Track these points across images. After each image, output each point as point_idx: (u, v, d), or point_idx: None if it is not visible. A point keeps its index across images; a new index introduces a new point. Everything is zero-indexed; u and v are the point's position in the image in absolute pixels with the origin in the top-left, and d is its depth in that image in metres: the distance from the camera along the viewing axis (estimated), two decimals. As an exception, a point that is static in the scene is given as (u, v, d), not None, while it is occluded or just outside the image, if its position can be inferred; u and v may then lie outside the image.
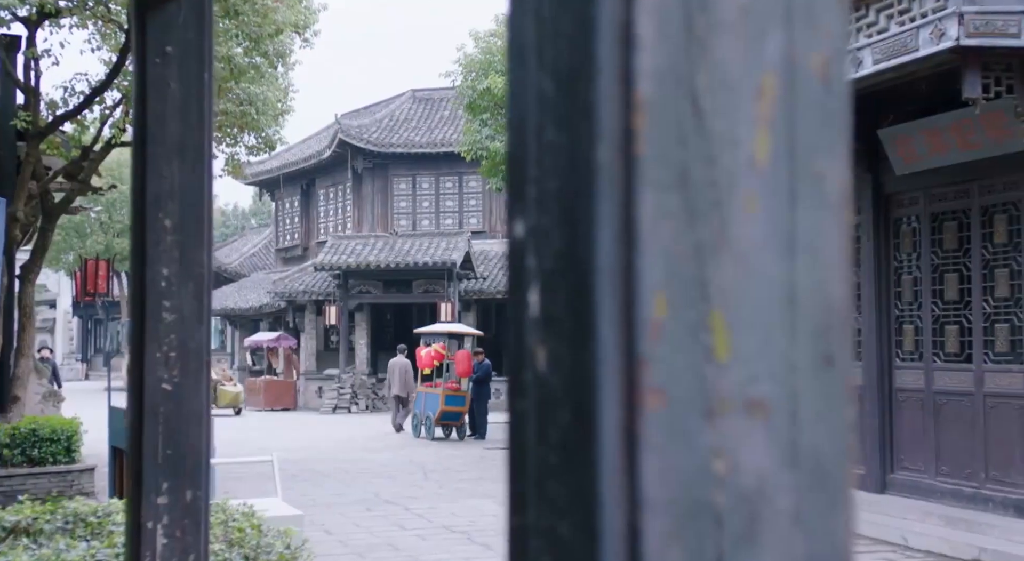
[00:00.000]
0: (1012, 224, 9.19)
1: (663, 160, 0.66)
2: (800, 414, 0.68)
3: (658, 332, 0.66)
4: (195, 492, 2.72)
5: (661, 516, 0.65)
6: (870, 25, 9.02)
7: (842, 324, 0.70)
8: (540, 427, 0.70)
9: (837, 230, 0.70)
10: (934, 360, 10.03)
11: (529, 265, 0.72)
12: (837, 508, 0.69)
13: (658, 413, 0.65)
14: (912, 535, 9.02)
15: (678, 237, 0.66)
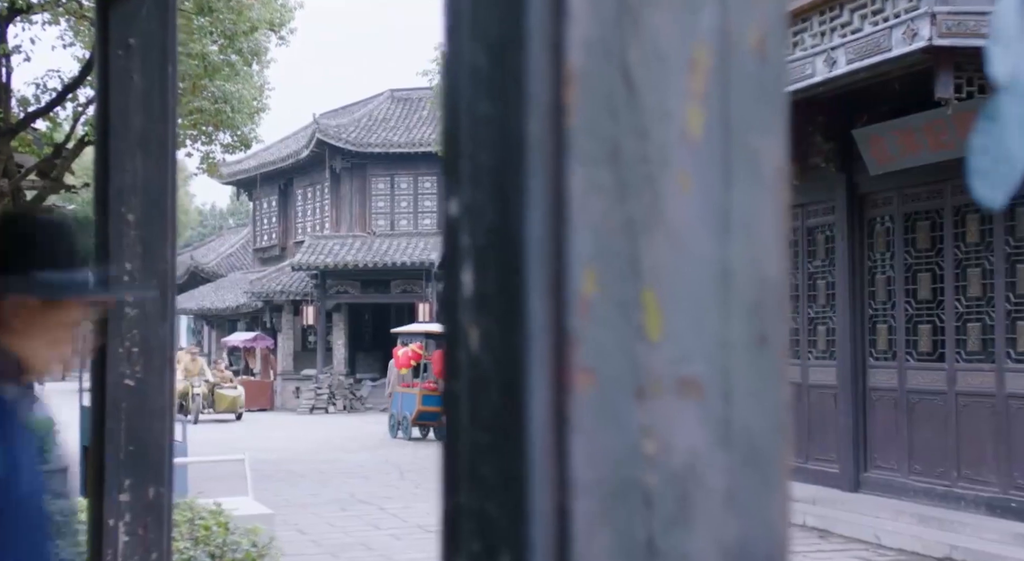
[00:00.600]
0: (984, 224, 9.25)
1: (594, 134, 0.65)
2: (733, 394, 0.67)
3: (588, 310, 0.64)
4: (158, 489, 2.69)
5: (590, 497, 0.64)
6: (844, 25, 9.06)
7: (777, 303, 0.69)
8: (472, 408, 0.69)
9: (773, 208, 0.69)
10: (907, 359, 10.09)
11: (463, 243, 0.70)
12: (771, 488, 0.68)
13: (587, 392, 0.64)
14: (885, 533, 9.06)
15: (609, 213, 0.65)
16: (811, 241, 11.33)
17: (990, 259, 9.20)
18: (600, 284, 0.64)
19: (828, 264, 11.04)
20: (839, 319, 10.78)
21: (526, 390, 0.65)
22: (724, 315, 0.67)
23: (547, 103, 0.65)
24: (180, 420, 10.10)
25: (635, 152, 0.65)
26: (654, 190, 0.65)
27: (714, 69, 0.68)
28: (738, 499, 0.67)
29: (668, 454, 0.65)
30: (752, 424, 0.68)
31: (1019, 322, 8.91)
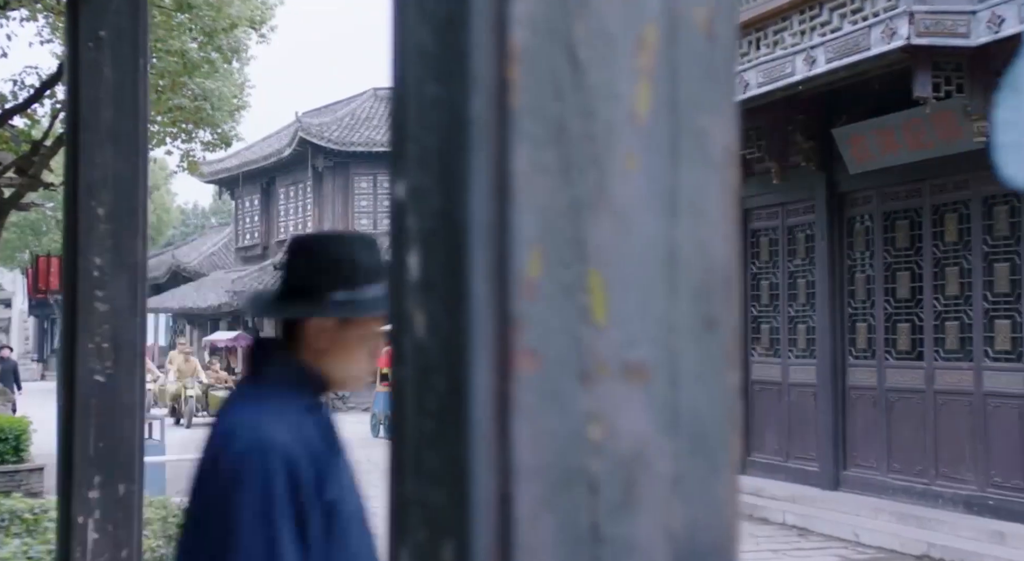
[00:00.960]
0: (962, 223, 9.29)
1: (538, 113, 0.64)
2: (680, 378, 0.66)
3: (532, 292, 0.63)
4: (128, 486, 2.67)
5: (533, 483, 0.62)
6: (824, 24, 9.08)
7: (725, 286, 0.68)
8: (419, 395, 0.68)
9: (721, 189, 0.68)
10: (886, 358, 10.12)
11: (409, 226, 0.69)
12: (718, 474, 0.67)
13: (531, 376, 0.63)
14: (864, 531, 9.09)
15: (554, 193, 0.64)
16: (791, 240, 11.36)
17: (968, 258, 9.24)
18: (545, 266, 0.63)
19: (808, 263, 11.07)
20: (819, 318, 10.81)
21: (469, 374, 0.64)
22: (671, 298, 0.66)
23: (491, 82, 0.64)
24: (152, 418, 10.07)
25: (581, 132, 0.64)
26: (600, 170, 0.64)
27: (661, 48, 0.66)
28: (685, 485, 0.66)
29: (614, 439, 0.64)
30: (700, 409, 0.67)
31: (997, 321, 8.96)
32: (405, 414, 0.68)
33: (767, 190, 11.41)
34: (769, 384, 11.63)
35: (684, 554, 0.65)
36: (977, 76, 7.88)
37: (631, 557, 0.64)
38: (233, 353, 32.46)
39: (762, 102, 9.41)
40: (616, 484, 0.64)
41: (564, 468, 0.63)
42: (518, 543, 0.62)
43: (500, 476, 0.63)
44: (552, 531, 0.63)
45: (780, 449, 11.38)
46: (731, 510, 0.68)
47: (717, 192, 0.68)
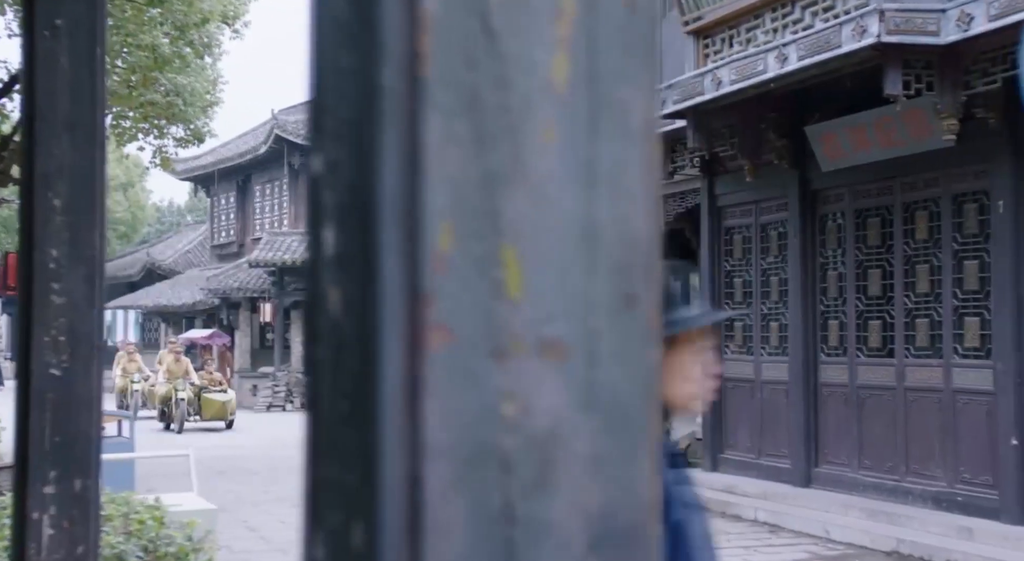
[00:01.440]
0: (932, 221, 9.35)
1: (451, 83, 0.62)
2: (599, 355, 0.65)
3: (443, 266, 0.62)
4: (85, 481, 2.64)
5: (444, 463, 0.61)
6: (796, 22, 9.12)
7: (646, 262, 0.67)
8: (334, 375, 0.66)
9: (641, 163, 0.67)
10: (857, 355, 10.17)
11: (325, 201, 0.67)
12: (637, 454, 0.66)
13: (442, 353, 0.61)
14: (834, 528, 9.14)
15: (466, 165, 0.62)
16: (764, 237, 11.40)
17: (938, 255, 9.30)
18: (457, 240, 0.62)
19: (781, 260, 11.11)
20: (791, 315, 10.85)
21: (379, 352, 0.62)
22: (589, 273, 0.65)
23: (402, 51, 0.62)
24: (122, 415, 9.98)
25: (495, 102, 0.63)
26: (515, 142, 0.63)
27: (580, 17, 0.65)
28: (602, 465, 0.65)
29: (528, 417, 0.63)
30: (618, 387, 0.65)
31: (966, 318, 9.02)
32: (320, 394, 0.67)
33: (740, 188, 11.44)
34: (742, 381, 11.67)
35: (601, 535, 0.64)
36: (947, 74, 7.93)
37: (546, 538, 0.63)
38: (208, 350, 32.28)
39: (735, 100, 9.43)
40: (530, 463, 0.63)
41: (476, 447, 0.61)
42: (428, 524, 0.61)
43: (410, 456, 0.61)
44: (463, 511, 0.61)
45: (752, 446, 11.42)
46: (650, 491, 0.66)
47: (638, 166, 0.67)
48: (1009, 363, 8.43)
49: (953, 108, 7.88)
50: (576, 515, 0.64)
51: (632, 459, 0.66)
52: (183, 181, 37.12)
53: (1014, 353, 8.42)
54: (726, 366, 11.90)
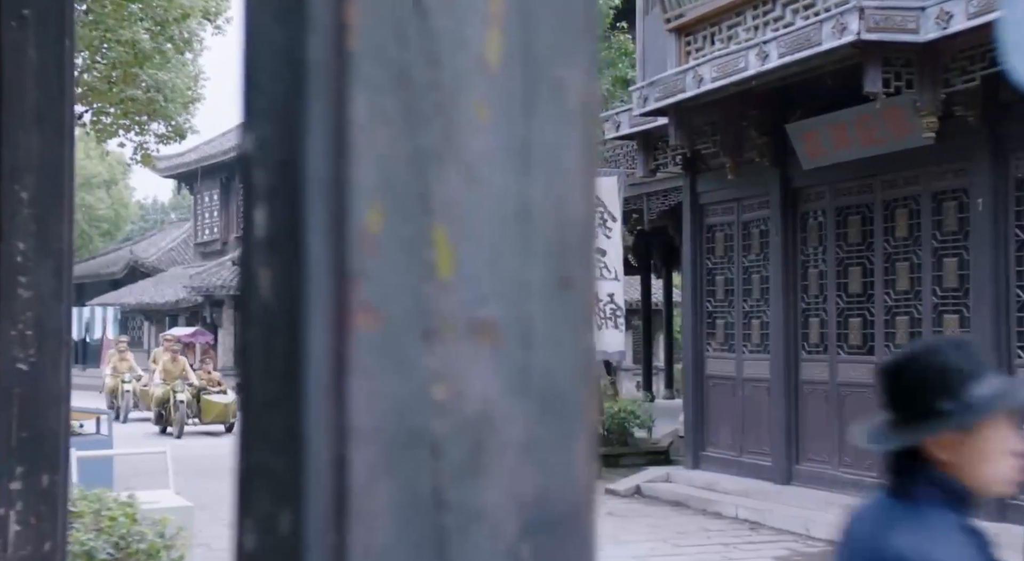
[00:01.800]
0: (912, 218, 9.38)
1: (379, 58, 0.61)
2: (532, 338, 0.64)
3: (371, 246, 0.60)
4: (52, 477, 2.61)
5: (371, 446, 0.60)
6: (776, 19, 9.13)
7: (582, 244, 0.66)
8: (265, 358, 0.65)
9: (578, 143, 0.66)
10: (838, 352, 10.20)
11: (256, 181, 0.66)
12: (571, 439, 0.64)
13: (370, 334, 0.60)
14: (814, 525, 9.16)
15: (396, 143, 0.61)
16: (746, 235, 11.42)
17: (918, 253, 9.33)
18: (386, 220, 0.61)
19: (762, 258, 11.12)
20: (773, 313, 10.87)
21: (306, 333, 0.61)
22: (523, 255, 0.64)
23: (329, 23, 0.61)
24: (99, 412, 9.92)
25: (426, 79, 0.61)
26: (446, 120, 0.61)
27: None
28: (536, 450, 0.63)
29: (460, 401, 0.61)
30: (553, 371, 0.64)
31: (945, 315, 9.05)
32: (252, 379, 0.65)
33: (722, 185, 11.46)
34: (723, 379, 11.69)
35: (534, 521, 0.63)
36: (926, 72, 7.96)
37: (477, 524, 0.61)
38: (191, 348, 32.15)
39: (717, 97, 9.44)
40: (461, 448, 0.61)
41: (405, 431, 0.60)
42: (354, 509, 0.59)
43: (336, 440, 0.60)
44: (391, 497, 0.60)
45: (734, 444, 11.44)
46: (585, 477, 0.65)
47: (574, 146, 0.66)
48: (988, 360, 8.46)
49: (932, 106, 7.91)
50: (509, 501, 0.62)
51: (567, 445, 0.64)
52: (166, 178, 36.98)
53: (992, 350, 8.45)
54: (708, 363, 11.92)
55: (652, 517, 10.01)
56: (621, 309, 12.17)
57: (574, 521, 0.65)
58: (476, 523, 0.62)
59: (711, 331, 11.94)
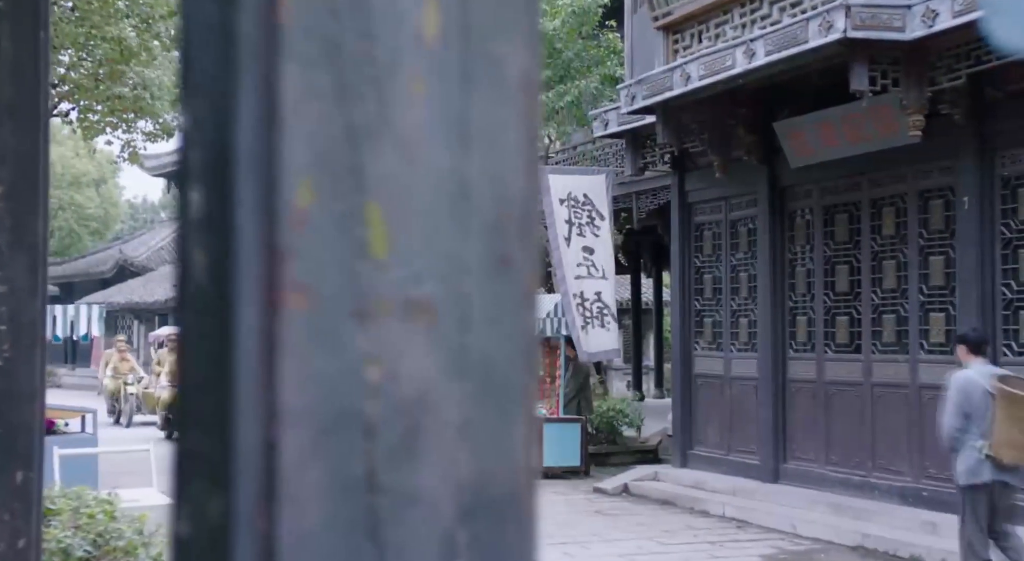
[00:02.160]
0: (899, 217, 9.39)
1: (311, 31, 0.60)
2: (471, 318, 0.62)
3: (302, 223, 0.59)
4: (26, 474, 2.59)
5: (301, 428, 0.58)
6: (764, 17, 9.13)
7: (522, 222, 0.64)
8: (199, 340, 0.63)
9: (518, 120, 0.64)
10: (825, 351, 10.21)
11: (192, 160, 0.64)
12: (511, 422, 0.63)
13: (301, 313, 0.59)
14: (801, 523, 9.17)
15: (328, 119, 0.59)
16: (734, 233, 11.42)
17: (904, 252, 9.34)
18: (318, 196, 0.59)
19: (750, 256, 11.13)
20: (760, 311, 10.88)
21: (235, 313, 0.59)
22: (461, 233, 0.62)
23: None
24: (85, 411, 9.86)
25: (359, 53, 0.60)
26: (381, 95, 0.60)
27: (451, -33, 0.63)
28: (474, 432, 0.62)
29: (394, 382, 0.60)
30: (491, 352, 0.63)
31: (932, 314, 9.07)
32: (187, 361, 0.64)
33: (710, 184, 11.46)
34: (711, 377, 11.69)
35: (472, 505, 0.62)
36: (912, 70, 7.97)
37: (412, 507, 0.60)
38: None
39: (704, 95, 9.44)
40: (396, 430, 0.60)
41: (337, 412, 0.59)
42: (284, 493, 0.58)
43: (266, 422, 0.58)
44: (322, 479, 0.58)
45: (722, 442, 11.44)
46: (525, 460, 0.64)
47: (513, 124, 0.64)
48: (974, 358, 8.49)
49: (918, 104, 7.92)
50: (445, 484, 0.61)
51: (506, 427, 0.63)
52: (156, 177, 36.87)
53: (979, 348, 8.47)
54: (696, 362, 11.92)
55: (640, 515, 10.01)
56: (609, 308, 12.16)
57: (513, 505, 0.63)
58: (411, 507, 0.61)
59: (699, 330, 11.95)
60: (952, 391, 6.23)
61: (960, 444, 6.15)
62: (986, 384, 6.07)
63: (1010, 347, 8.43)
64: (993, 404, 6.00)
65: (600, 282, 12.14)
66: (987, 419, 6.01)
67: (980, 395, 6.06)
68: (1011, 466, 6.04)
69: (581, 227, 12.21)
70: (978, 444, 6.05)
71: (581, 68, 14.80)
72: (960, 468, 6.22)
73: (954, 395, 6.19)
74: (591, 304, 11.95)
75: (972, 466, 6.11)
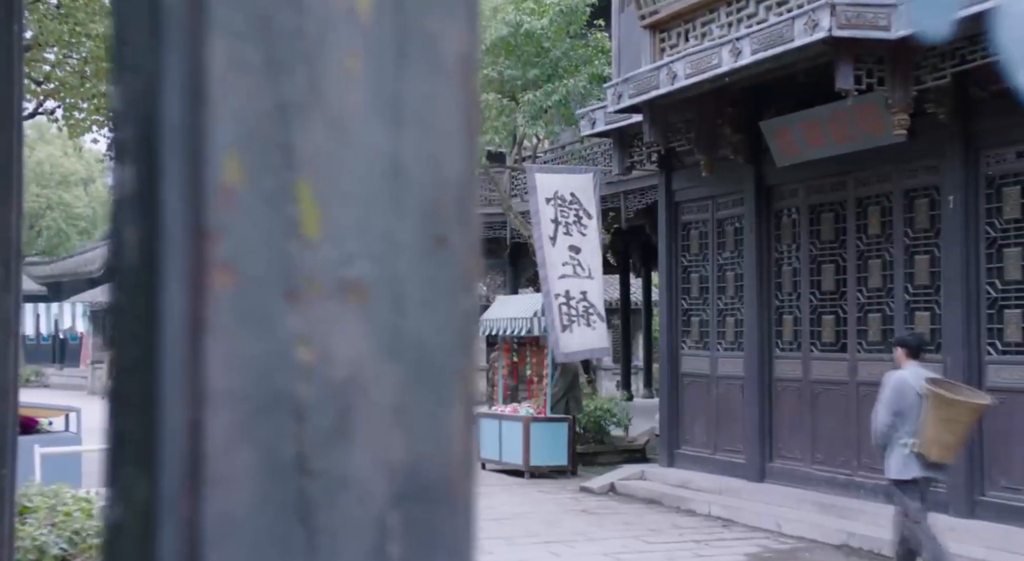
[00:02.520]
0: (884, 216, 9.41)
1: (239, 4, 0.58)
2: (405, 300, 0.61)
3: (230, 202, 0.58)
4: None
5: (228, 410, 0.57)
6: (750, 16, 9.13)
7: (458, 203, 0.63)
8: (130, 320, 0.62)
9: (454, 99, 0.63)
10: (811, 350, 10.22)
11: (124, 137, 0.63)
12: (446, 405, 0.62)
13: (229, 293, 0.57)
14: (786, 522, 9.18)
15: (256, 94, 0.58)
16: (721, 233, 11.43)
17: (890, 251, 9.36)
18: (247, 174, 0.58)
19: (737, 256, 11.13)
20: (747, 310, 10.88)
21: (162, 293, 0.58)
22: (396, 214, 0.61)
23: (186, -31, 0.58)
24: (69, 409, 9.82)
25: (289, 27, 0.59)
26: (311, 71, 0.59)
27: (384, -59, 0.61)
28: (408, 416, 0.61)
29: (326, 364, 0.59)
30: (426, 334, 0.62)
31: (917, 312, 9.08)
32: (119, 342, 0.63)
33: (697, 183, 11.46)
34: (698, 377, 11.70)
35: (406, 488, 0.61)
36: (897, 69, 7.98)
37: (343, 491, 0.59)
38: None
39: (691, 94, 9.44)
40: (327, 412, 0.59)
41: (266, 394, 0.58)
42: (210, 475, 0.57)
43: (192, 403, 0.57)
44: (249, 462, 0.57)
45: (708, 441, 11.45)
46: (461, 444, 0.63)
47: (450, 103, 0.63)
48: (958, 357, 8.50)
49: (903, 103, 7.93)
50: (378, 468, 0.60)
51: (441, 411, 0.62)
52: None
53: (963, 347, 8.49)
54: (683, 361, 11.93)
55: (625, 515, 10.01)
56: (596, 307, 12.15)
57: (448, 489, 0.62)
58: (343, 491, 0.59)
59: (686, 329, 11.95)
60: (886, 391, 6.59)
61: (891, 441, 6.53)
62: (918, 386, 6.42)
63: (994, 346, 8.45)
64: (923, 405, 6.36)
65: (586, 281, 12.14)
66: (917, 419, 6.38)
67: (912, 396, 6.43)
68: (937, 464, 6.41)
69: (568, 226, 12.20)
70: (908, 442, 6.41)
71: (569, 67, 14.80)
72: (891, 464, 6.58)
73: (888, 394, 6.55)
74: (577, 303, 11.94)
75: (902, 462, 6.48)
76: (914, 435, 6.38)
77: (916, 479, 6.46)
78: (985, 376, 8.48)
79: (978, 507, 8.41)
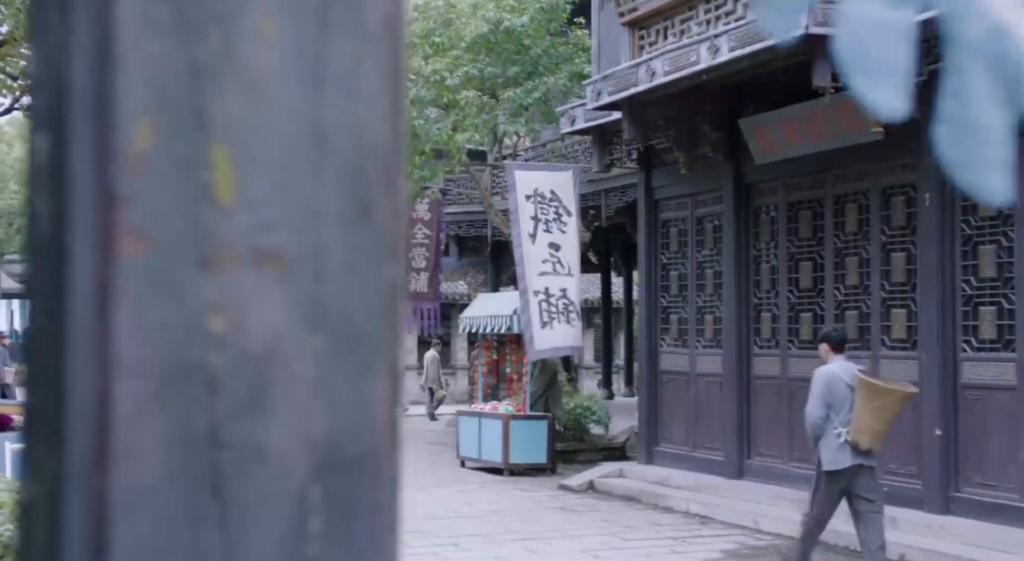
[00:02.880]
0: (862, 213, 9.44)
1: (150, -37, 0.57)
2: (326, 269, 0.60)
3: (141, 167, 0.56)
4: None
5: (138, 380, 0.55)
6: (728, 13, 9.15)
7: (384, 170, 0.62)
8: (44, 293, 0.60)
9: (379, 63, 0.62)
10: (789, 347, 10.24)
11: (38, 104, 0.61)
12: (370, 377, 0.60)
13: (138, 260, 0.56)
14: (763, 519, 9.19)
15: (168, 55, 0.56)
16: (700, 230, 11.44)
17: (867, 248, 9.39)
18: (158, 138, 0.56)
19: (716, 253, 11.15)
20: (725, 308, 10.90)
21: (70, 260, 0.57)
22: (316, 180, 0.60)
23: (95, -74, 0.57)
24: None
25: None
26: (226, 31, 0.57)
27: (303, -100, 0.60)
28: (329, 387, 0.59)
29: (241, 334, 0.57)
30: (348, 304, 0.60)
31: (893, 310, 9.12)
32: (34, 317, 0.61)
33: (676, 181, 11.47)
34: (677, 374, 11.71)
35: (326, 462, 0.59)
36: (875, 68, 7.99)
37: (259, 463, 0.57)
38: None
39: (670, 91, 9.45)
40: (242, 383, 0.57)
41: (178, 364, 0.56)
42: (118, 445, 0.55)
43: (100, 373, 0.55)
44: (160, 433, 0.56)
45: (687, 439, 11.46)
46: (385, 416, 0.61)
47: (374, 67, 0.62)
48: (934, 354, 8.54)
49: (880, 101, 7.94)
50: (297, 440, 0.58)
51: (363, 382, 0.60)
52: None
53: (939, 344, 8.53)
54: (662, 358, 11.94)
55: (604, 512, 10.01)
56: (574, 304, 12.15)
57: (371, 462, 0.61)
58: (259, 463, 0.58)
59: (665, 326, 11.96)
60: (816, 385, 6.81)
61: (823, 432, 6.71)
62: (846, 378, 6.62)
63: (969, 343, 8.49)
64: (853, 395, 6.57)
65: (566, 279, 12.13)
66: (847, 409, 6.59)
67: (842, 388, 6.64)
68: (868, 450, 6.60)
69: (548, 223, 12.19)
70: (840, 431, 6.58)
71: (549, 65, 14.79)
72: (824, 455, 6.75)
73: (818, 388, 6.77)
74: (557, 300, 11.94)
75: (834, 453, 6.65)
76: (845, 425, 6.57)
77: (847, 468, 6.61)
78: (960, 373, 8.52)
79: (953, 503, 8.45)
